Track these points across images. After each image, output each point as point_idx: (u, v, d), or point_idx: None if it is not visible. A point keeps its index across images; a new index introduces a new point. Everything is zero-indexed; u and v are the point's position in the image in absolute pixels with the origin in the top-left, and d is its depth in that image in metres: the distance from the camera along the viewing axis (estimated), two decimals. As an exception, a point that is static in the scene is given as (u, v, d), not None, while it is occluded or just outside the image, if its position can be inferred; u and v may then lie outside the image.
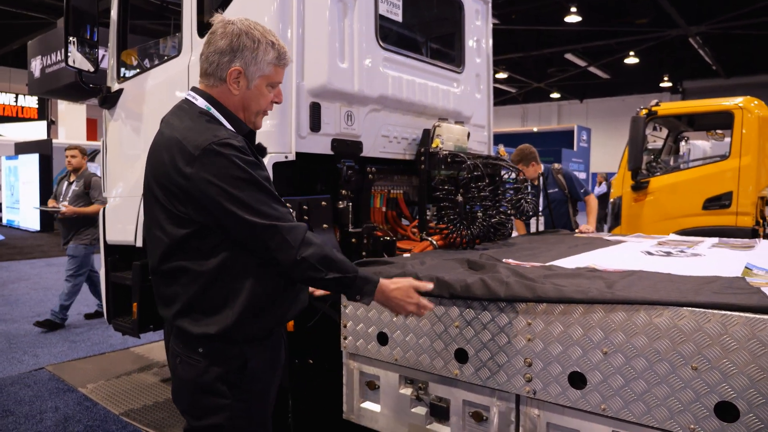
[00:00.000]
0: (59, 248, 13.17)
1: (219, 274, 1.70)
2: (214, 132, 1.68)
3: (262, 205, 1.66)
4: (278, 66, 1.82)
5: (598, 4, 17.33)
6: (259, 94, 1.81)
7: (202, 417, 1.76)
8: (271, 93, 1.85)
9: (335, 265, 1.73)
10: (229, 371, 1.73)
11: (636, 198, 6.92)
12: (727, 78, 26.08)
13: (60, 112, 22.36)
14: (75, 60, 3.82)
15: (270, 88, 1.84)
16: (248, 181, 1.65)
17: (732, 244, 3.69)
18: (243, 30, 1.75)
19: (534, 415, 2.12)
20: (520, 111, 35.34)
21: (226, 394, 1.72)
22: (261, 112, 1.87)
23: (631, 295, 1.92)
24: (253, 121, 1.86)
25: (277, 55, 1.80)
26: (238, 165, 1.63)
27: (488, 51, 4.67)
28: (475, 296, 2.19)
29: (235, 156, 1.64)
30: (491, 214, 3.60)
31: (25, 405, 3.97)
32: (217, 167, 1.62)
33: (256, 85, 1.79)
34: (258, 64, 1.77)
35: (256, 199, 1.65)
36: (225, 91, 1.79)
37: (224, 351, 1.73)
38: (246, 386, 1.76)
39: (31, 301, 7.45)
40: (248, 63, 1.75)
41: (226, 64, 1.76)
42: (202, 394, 1.74)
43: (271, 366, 1.87)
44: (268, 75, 1.80)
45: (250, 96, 1.80)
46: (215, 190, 1.62)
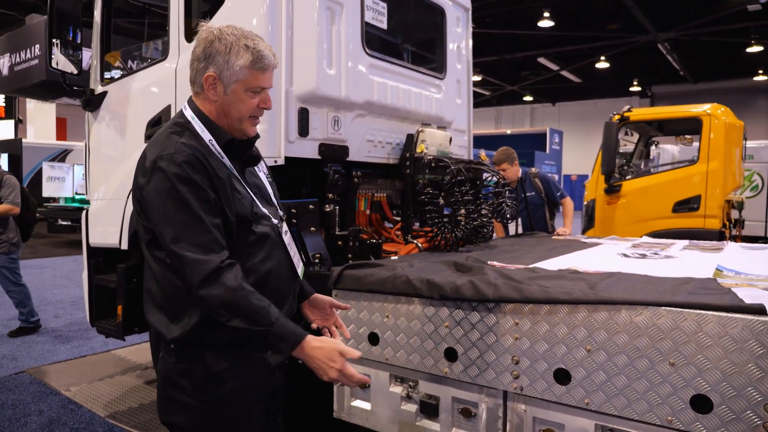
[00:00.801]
0: (31, 250, 12.92)
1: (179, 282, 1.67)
2: (166, 145, 1.68)
3: (179, 228, 1.61)
4: (255, 70, 1.73)
5: (571, 10, 17.68)
6: (238, 100, 1.75)
7: (168, 413, 1.79)
8: (254, 98, 1.77)
9: (242, 313, 1.60)
10: (193, 370, 1.74)
11: (609, 201, 7.13)
12: (694, 83, 26.81)
13: (29, 111, 21.87)
14: (58, 62, 3.80)
15: (251, 93, 1.76)
16: (175, 200, 1.61)
17: (702, 246, 3.86)
18: (216, 35, 1.73)
19: (521, 410, 2.22)
20: (494, 113, 35.73)
21: (189, 392, 1.74)
22: (245, 119, 1.80)
23: (612, 295, 2.04)
24: (238, 128, 1.80)
25: (252, 59, 1.72)
26: (171, 182, 1.61)
27: (468, 57, 4.78)
28: (464, 297, 2.29)
29: (172, 173, 1.62)
30: (474, 217, 3.71)
31: (8, 409, 3.94)
32: (156, 182, 1.64)
33: (233, 90, 1.74)
34: (231, 68, 1.72)
35: (177, 221, 1.61)
36: (206, 98, 1.79)
37: (190, 351, 1.75)
38: (208, 388, 1.74)
39: (5, 304, 7.27)
40: (221, 68, 1.72)
41: (202, 70, 1.75)
42: (170, 389, 1.77)
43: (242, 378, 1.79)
44: (244, 80, 1.73)
45: (228, 102, 1.76)
46: (154, 203, 1.65)
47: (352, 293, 2.66)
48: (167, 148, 1.67)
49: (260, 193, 1.89)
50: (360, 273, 2.65)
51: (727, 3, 16.11)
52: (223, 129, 1.80)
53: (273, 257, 1.83)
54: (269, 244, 1.82)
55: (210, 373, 1.74)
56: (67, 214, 14.54)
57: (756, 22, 17.49)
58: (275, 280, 1.82)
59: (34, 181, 17.65)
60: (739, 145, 7.27)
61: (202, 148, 1.73)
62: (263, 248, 1.80)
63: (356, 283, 2.62)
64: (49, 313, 6.92)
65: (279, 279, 1.84)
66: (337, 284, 2.68)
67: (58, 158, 18.69)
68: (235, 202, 1.74)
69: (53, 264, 10.98)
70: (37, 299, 7.63)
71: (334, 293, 2.68)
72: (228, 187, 1.73)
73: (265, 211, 1.85)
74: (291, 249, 1.92)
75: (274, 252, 1.84)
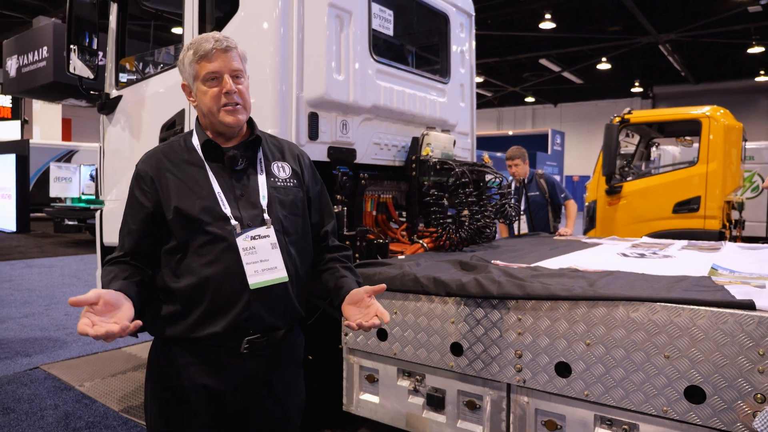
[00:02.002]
0: (38, 249, 13.07)
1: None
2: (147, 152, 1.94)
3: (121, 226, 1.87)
4: (197, 62, 1.81)
5: (572, 11, 17.79)
6: (201, 94, 1.83)
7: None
8: (213, 87, 1.80)
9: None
10: (151, 359, 1.92)
11: (610, 202, 7.24)
12: (695, 84, 26.89)
13: (35, 112, 22.05)
14: (75, 67, 3.93)
15: (209, 83, 1.81)
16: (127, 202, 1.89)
17: (700, 246, 3.97)
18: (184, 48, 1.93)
19: (524, 402, 2.33)
20: (496, 114, 35.82)
21: (147, 378, 1.92)
22: (216, 110, 1.82)
23: (610, 292, 2.15)
24: (217, 122, 1.84)
25: (193, 51, 1.82)
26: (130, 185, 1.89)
27: (472, 62, 4.90)
28: (469, 294, 2.40)
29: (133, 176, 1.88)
30: (477, 218, 3.82)
31: (25, 403, 4.06)
32: None
33: (196, 88, 1.85)
34: (185, 71, 1.86)
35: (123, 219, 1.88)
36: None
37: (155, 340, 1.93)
38: (154, 378, 1.89)
39: (16, 302, 7.46)
40: (184, 74, 1.88)
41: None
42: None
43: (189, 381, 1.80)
44: (195, 74, 1.82)
45: (200, 101, 1.85)
46: None
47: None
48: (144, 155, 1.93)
49: (245, 196, 1.85)
50: (369, 271, 2.76)
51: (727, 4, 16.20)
52: (205, 131, 1.90)
53: (219, 262, 1.76)
54: (220, 247, 1.77)
55: (154, 364, 1.90)
56: (74, 214, 14.67)
57: (757, 23, 17.59)
58: (214, 286, 1.75)
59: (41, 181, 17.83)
60: (738, 147, 7.37)
61: (179, 152, 1.87)
62: (211, 251, 1.76)
63: (366, 281, 2.71)
64: (59, 311, 7.04)
65: (220, 286, 1.76)
66: (347, 282, 2.79)
67: (64, 159, 18.86)
68: (181, 202, 1.77)
69: (61, 263, 11.11)
70: (46, 297, 7.78)
71: (344, 291, 2.80)
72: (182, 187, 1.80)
73: (228, 213, 1.78)
74: (250, 256, 1.78)
75: (223, 257, 1.76)
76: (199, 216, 1.76)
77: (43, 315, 6.78)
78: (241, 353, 1.81)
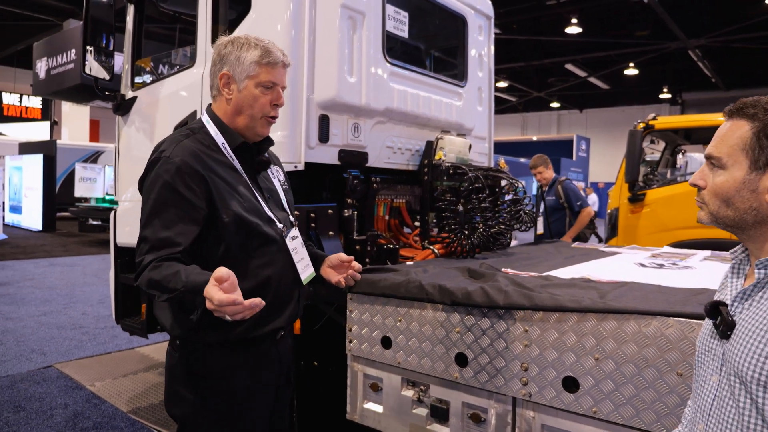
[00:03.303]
0: (62, 248, 13.29)
1: None
2: (168, 147, 1.79)
3: (145, 229, 1.72)
4: (263, 64, 1.82)
5: (599, 16, 17.54)
6: (251, 97, 1.83)
7: (172, 405, 1.87)
8: (266, 95, 1.84)
9: (161, 286, 1.62)
10: (193, 366, 1.82)
11: (633, 210, 7.05)
12: (726, 91, 26.32)
13: (63, 113, 22.52)
14: (92, 68, 3.94)
15: (263, 89, 1.84)
16: (154, 201, 1.73)
17: (723, 257, 3.82)
18: (230, 39, 1.87)
19: (529, 417, 2.25)
20: (520, 120, 35.56)
21: (189, 387, 1.81)
22: (259, 117, 1.86)
23: (621, 305, 2.05)
24: (252, 127, 1.87)
25: (260, 53, 1.82)
26: (154, 182, 1.74)
27: (490, 65, 4.81)
28: (475, 303, 2.32)
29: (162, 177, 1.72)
30: (491, 225, 3.73)
31: (36, 401, 4.08)
32: (148, 180, 1.79)
33: (246, 86, 1.83)
34: (242, 64, 1.82)
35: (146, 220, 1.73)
36: (222, 99, 1.88)
37: (193, 347, 1.83)
38: (206, 385, 1.82)
39: (36, 300, 7.57)
40: (233, 66, 1.83)
41: (217, 71, 1.87)
42: (174, 383, 1.86)
43: (244, 377, 1.85)
44: (254, 75, 1.82)
45: (242, 99, 1.84)
46: (142, 199, 1.80)
47: (366, 297, 2.71)
48: (167, 150, 1.77)
49: (272, 198, 1.95)
50: (374, 277, 2.70)
51: (760, 9, 15.80)
52: (236, 132, 1.87)
53: (275, 263, 1.86)
54: (273, 248, 1.86)
55: (208, 371, 1.81)
56: (98, 214, 14.93)
57: (790, 29, 17.15)
58: (274, 286, 1.84)
59: (67, 181, 18.15)
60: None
61: (209, 150, 1.80)
62: (266, 253, 1.85)
63: (370, 287, 2.67)
64: (77, 310, 7.13)
65: (279, 285, 1.86)
66: (352, 288, 2.74)
67: (91, 159, 19.20)
68: (233, 203, 1.78)
69: (83, 262, 11.27)
70: (66, 296, 7.88)
71: (348, 296, 2.74)
72: (227, 189, 1.79)
73: (272, 215, 1.88)
74: (296, 255, 1.94)
75: (277, 257, 1.87)
76: (253, 218, 1.81)
77: (61, 313, 6.87)
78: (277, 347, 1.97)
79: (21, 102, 23.58)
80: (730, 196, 1.19)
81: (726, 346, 1.19)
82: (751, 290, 1.19)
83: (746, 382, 1.10)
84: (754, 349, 1.10)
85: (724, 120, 1.22)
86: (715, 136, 1.23)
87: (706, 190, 1.24)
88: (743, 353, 1.11)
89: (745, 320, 1.16)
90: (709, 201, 1.24)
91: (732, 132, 1.19)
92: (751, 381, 1.09)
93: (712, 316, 1.23)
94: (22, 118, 23.67)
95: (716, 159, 1.20)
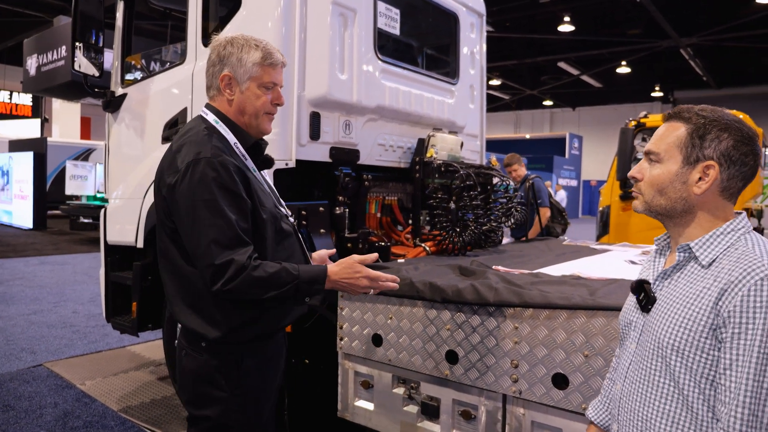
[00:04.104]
0: (53, 246, 13.21)
1: None
2: (202, 147, 1.75)
3: (211, 231, 1.67)
4: (265, 66, 1.85)
5: (592, 14, 17.57)
6: (253, 96, 1.86)
7: (201, 406, 1.86)
8: (267, 94, 1.88)
9: (269, 284, 1.69)
10: (226, 365, 1.83)
11: (624, 207, 7.09)
12: (718, 89, 26.46)
13: (54, 111, 22.36)
14: (81, 65, 3.91)
15: (264, 89, 1.87)
16: (207, 202, 1.68)
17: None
18: (228, 40, 1.87)
19: (520, 414, 2.25)
20: (513, 117, 35.61)
21: (223, 386, 1.82)
22: (262, 114, 1.89)
23: (611, 302, 2.06)
24: (255, 125, 1.90)
25: (262, 55, 1.85)
26: (205, 184, 1.69)
27: (482, 62, 4.81)
28: (465, 301, 2.32)
29: (211, 177, 1.69)
30: (482, 222, 3.73)
31: (25, 400, 4.05)
32: (190, 182, 1.71)
33: (248, 87, 1.85)
34: (244, 65, 1.84)
35: (205, 223, 1.68)
36: (223, 100, 1.89)
37: (222, 348, 1.83)
38: (241, 382, 1.84)
39: (26, 299, 7.51)
40: (235, 67, 1.84)
41: (218, 72, 1.87)
42: (203, 385, 1.84)
43: (268, 367, 1.94)
44: (257, 76, 1.84)
45: (244, 99, 1.86)
46: (183, 203, 1.73)
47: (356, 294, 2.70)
48: (203, 151, 1.74)
49: (274, 194, 2.00)
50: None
51: (751, 8, 15.88)
52: (246, 132, 1.90)
53: (295, 254, 1.96)
54: (292, 241, 1.96)
55: (244, 368, 1.85)
56: (89, 212, 14.82)
57: (781, 28, 17.23)
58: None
59: (58, 179, 18.03)
60: (757, 153, 7.18)
61: (225, 146, 1.82)
62: (287, 246, 1.93)
63: (361, 285, 2.67)
64: (67, 308, 7.08)
65: None
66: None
67: (82, 157, 19.06)
68: (265, 200, 1.86)
69: (74, 260, 11.20)
70: (56, 294, 7.83)
71: (339, 294, 2.74)
72: (258, 187, 1.85)
73: (283, 210, 1.97)
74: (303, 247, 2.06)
75: (296, 248, 1.98)
76: (278, 213, 1.92)
77: (51, 312, 6.82)
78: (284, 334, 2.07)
79: (11, 99, 23.37)
80: (664, 186, 1.34)
81: (647, 318, 1.36)
82: (672, 270, 1.36)
83: (662, 347, 1.28)
84: (670, 320, 1.27)
85: (663, 122, 1.38)
86: (654, 135, 1.38)
87: (643, 182, 1.38)
88: (662, 324, 1.29)
89: (664, 296, 1.34)
90: (645, 191, 1.38)
91: (670, 132, 1.35)
92: (666, 346, 1.27)
93: (637, 292, 1.40)
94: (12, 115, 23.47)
95: (655, 154, 1.36)
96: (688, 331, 1.23)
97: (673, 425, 1.26)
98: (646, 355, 1.33)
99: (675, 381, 1.26)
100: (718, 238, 1.29)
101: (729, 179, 1.29)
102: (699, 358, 1.22)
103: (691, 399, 1.24)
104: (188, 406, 1.92)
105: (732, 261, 1.23)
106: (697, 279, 1.28)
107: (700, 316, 1.22)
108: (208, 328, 1.80)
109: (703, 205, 1.32)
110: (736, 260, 1.22)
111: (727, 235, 1.29)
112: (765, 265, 1.17)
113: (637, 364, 1.37)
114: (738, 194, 1.34)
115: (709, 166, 1.28)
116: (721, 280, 1.21)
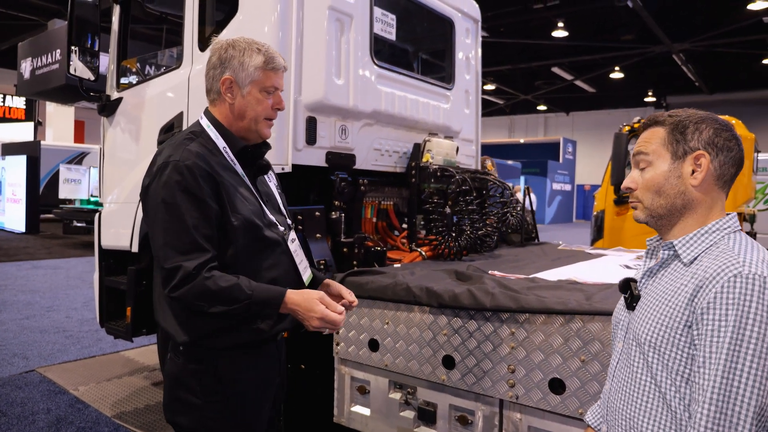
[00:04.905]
0: (46, 250, 13.13)
1: None
2: (175, 151, 1.74)
3: (165, 234, 1.67)
4: (267, 70, 1.83)
5: (585, 20, 17.67)
6: (254, 101, 1.84)
7: (176, 413, 1.83)
8: (268, 99, 1.86)
9: (218, 298, 1.65)
10: (202, 372, 1.79)
11: (618, 212, 7.12)
12: (710, 94, 26.65)
13: (48, 114, 22.25)
14: (76, 68, 3.90)
15: (266, 93, 1.85)
16: (169, 206, 1.68)
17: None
18: (229, 43, 1.85)
19: (516, 419, 2.25)
20: (507, 122, 35.74)
21: (197, 392, 1.78)
22: (261, 119, 1.87)
23: (607, 306, 2.06)
24: (255, 130, 1.88)
25: (264, 60, 1.82)
26: (170, 188, 1.68)
27: (477, 67, 4.83)
28: (462, 306, 2.32)
29: (174, 180, 1.68)
30: (478, 227, 3.74)
31: (17, 406, 4.02)
32: (156, 185, 1.72)
33: (249, 91, 1.83)
34: (246, 69, 1.81)
35: (164, 226, 1.68)
36: (223, 104, 1.87)
37: (199, 353, 1.81)
38: (218, 389, 1.80)
39: (18, 304, 7.46)
40: (237, 71, 1.81)
41: (218, 76, 1.84)
42: (179, 390, 1.82)
43: (256, 378, 1.88)
44: (259, 80, 1.82)
45: (244, 104, 1.84)
46: (151, 206, 1.74)
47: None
48: (175, 154, 1.73)
49: (270, 202, 1.95)
50: (362, 280, 2.70)
51: (743, 14, 16.02)
52: (236, 137, 1.87)
53: (280, 265, 1.88)
54: (278, 251, 1.88)
55: (220, 375, 1.79)
56: (82, 216, 14.76)
57: (772, 34, 17.38)
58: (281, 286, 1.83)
59: (51, 182, 17.95)
60: (750, 158, 7.24)
61: (212, 154, 1.79)
62: (271, 255, 1.85)
63: (358, 290, 2.65)
64: (60, 313, 7.04)
65: (284, 286, 1.84)
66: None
67: (75, 161, 18.99)
68: (240, 206, 1.79)
69: (67, 265, 11.14)
70: (49, 299, 7.78)
71: (336, 299, 2.73)
72: (234, 192, 1.79)
73: (273, 219, 1.90)
74: (297, 257, 1.96)
75: (281, 259, 1.89)
76: (257, 222, 1.82)
77: (44, 317, 6.78)
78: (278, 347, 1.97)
79: (4, 102, 23.24)
80: (660, 185, 1.35)
81: (632, 315, 1.38)
82: (657, 269, 1.39)
83: (641, 344, 1.30)
84: (649, 317, 1.29)
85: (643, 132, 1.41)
86: (638, 141, 1.41)
87: (639, 189, 1.39)
88: (642, 321, 1.31)
89: (648, 294, 1.36)
90: (642, 197, 1.39)
91: (651, 136, 1.39)
92: (644, 343, 1.29)
93: (623, 290, 1.43)
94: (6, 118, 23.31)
95: (644, 155, 1.38)
96: (665, 327, 1.24)
97: (654, 423, 1.27)
98: (630, 353, 1.35)
99: (654, 378, 1.27)
100: (702, 237, 1.30)
101: (721, 166, 1.31)
102: (675, 355, 1.23)
103: (669, 397, 1.24)
104: (165, 410, 1.89)
105: (711, 258, 1.24)
106: (677, 276, 1.29)
107: (676, 312, 1.23)
108: (179, 331, 1.78)
109: (701, 200, 1.32)
110: (715, 258, 1.23)
111: (712, 234, 1.30)
112: (741, 262, 1.18)
113: (622, 363, 1.38)
114: (732, 181, 1.35)
115: (699, 156, 1.30)
116: (698, 277, 1.22)
